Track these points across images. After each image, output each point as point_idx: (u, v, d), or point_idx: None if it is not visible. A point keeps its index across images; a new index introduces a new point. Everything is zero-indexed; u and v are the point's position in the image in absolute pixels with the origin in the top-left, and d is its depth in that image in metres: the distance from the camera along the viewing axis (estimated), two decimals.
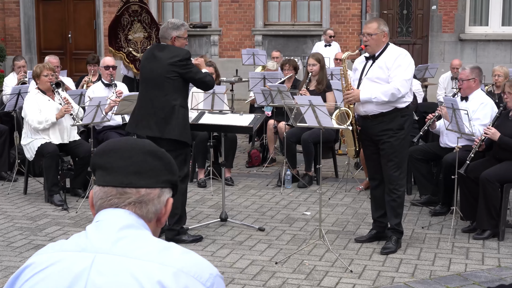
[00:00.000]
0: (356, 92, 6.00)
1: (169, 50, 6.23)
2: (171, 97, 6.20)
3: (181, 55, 6.20)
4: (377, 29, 6.00)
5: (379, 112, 6.04)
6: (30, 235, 6.63)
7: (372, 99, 5.93)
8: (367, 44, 6.05)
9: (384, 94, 5.90)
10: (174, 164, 1.99)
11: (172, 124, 6.18)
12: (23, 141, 7.91)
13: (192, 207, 7.51)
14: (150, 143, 1.99)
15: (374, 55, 6.07)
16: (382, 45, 6.05)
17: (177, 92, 6.24)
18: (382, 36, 6.03)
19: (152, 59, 6.28)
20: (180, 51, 6.23)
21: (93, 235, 1.84)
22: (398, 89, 5.90)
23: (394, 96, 5.92)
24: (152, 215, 1.92)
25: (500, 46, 14.94)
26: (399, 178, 6.17)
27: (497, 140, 6.49)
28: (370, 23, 6.14)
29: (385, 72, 5.99)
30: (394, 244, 6.17)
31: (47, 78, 7.82)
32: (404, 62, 6.00)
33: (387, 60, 6.00)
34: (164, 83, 6.18)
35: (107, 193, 1.90)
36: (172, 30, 6.26)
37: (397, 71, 5.95)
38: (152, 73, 6.24)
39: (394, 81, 5.93)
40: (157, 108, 6.21)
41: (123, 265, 1.77)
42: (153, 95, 6.25)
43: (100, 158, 1.94)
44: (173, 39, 6.25)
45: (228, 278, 5.52)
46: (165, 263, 1.78)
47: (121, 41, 11.97)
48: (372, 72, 6.05)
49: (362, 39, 6.15)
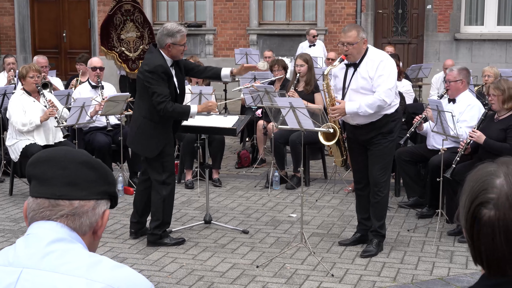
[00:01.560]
0: (341, 106, 5.89)
1: (148, 57, 6.11)
2: (138, 107, 6.20)
3: (150, 66, 5.95)
4: (357, 37, 5.85)
5: (369, 122, 5.97)
6: (12, 237, 6.58)
7: (358, 112, 5.85)
8: (347, 54, 5.88)
9: (370, 107, 5.81)
10: (110, 175, 1.93)
11: (138, 138, 6.19)
12: (8, 142, 7.85)
13: (178, 208, 7.45)
14: (85, 153, 1.92)
15: (355, 62, 5.96)
16: (362, 52, 5.92)
17: (143, 101, 6.08)
18: (362, 44, 5.89)
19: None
20: (152, 61, 5.98)
21: (21, 249, 1.79)
22: (383, 100, 5.80)
23: (380, 108, 5.85)
24: (87, 228, 1.86)
25: (496, 46, 14.86)
26: (384, 181, 6.12)
27: (482, 143, 6.43)
28: (349, 32, 5.90)
29: (368, 82, 5.88)
30: (375, 247, 6.10)
31: (33, 79, 7.76)
32: (385, 70, 5.85)
33: (369, 69, 5.87)
34: (142, 91, 6.12)
35: (40, 204, 1.84)
36: (166, 37, 5.99)
37: (380, 80, 5.83)
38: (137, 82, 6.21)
39: (378, 91, 5.82)
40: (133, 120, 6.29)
41: (50, 280, 1.72)
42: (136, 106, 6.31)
43: (34, 168, 1.88)
44: (167, 46, 6.00)
45: (208, 282, 5.47)
46: (94, 278, 1.72)
47: (113, 40, 11.91)
48: (355, 83, 5.94)
49: (341, 48, 5.98)
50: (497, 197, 1.57)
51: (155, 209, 6.27)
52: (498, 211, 1.56)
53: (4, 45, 17.17)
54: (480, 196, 1.60)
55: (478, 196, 1.60)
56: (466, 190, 1.66)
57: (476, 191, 1.61)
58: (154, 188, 6.25)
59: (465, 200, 1.65)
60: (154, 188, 6.25)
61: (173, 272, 5.70)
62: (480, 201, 1.59)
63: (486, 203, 1.58)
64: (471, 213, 1.61)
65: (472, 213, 1.61)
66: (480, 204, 1.59)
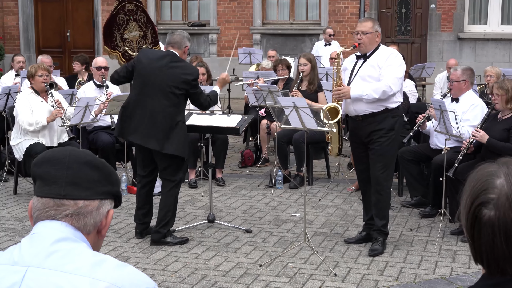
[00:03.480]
0: (346, 88, 5.95)
1: (185, 66, 6.32)
2: (174, 111, 6.21)
3: (195, 75, 6.31)
4: (371, 28, 5.98)
5: (370, 112, 5.99)
6: (16, 236, 6.60)
7: (363, 96, 5.88)
8: (360, 42, 6.00)
9: (375, 91, 5.85)
10: (114, 175, 1.94)
11: (173, 139, 6.19)
12: (13, 142, 7.88)
13: (181, 208, 7.47)
14: (89, 153, 1.94)
15: (366, 54, 6.03)
16: (374, 44, 6.02)
17: (180, 107, 6.30)
18: (376, 36, 6.01)
19: (164, 67, 6.22)
20: (194, 70, 6.40)
21: (26, 248, 1.81)
22: (390, 86, 5.85)
23: (385, 94, 5.87)
24: (91, 227, 1.88)
25: (499, 45, 14.85)
26: (386, 180, 6.14)
27: (485, 143, 6.43)
28: (365, 22, 6.11)
29: (376, 70, 5.96)
30: (381, 245, 6.13)
31: (42, 78, 7.80)
32: (395, 61, 5.99)
33: (379, 59, 5.97)
34: (169, 94, 6.18)
35: (45, 204, 1.86)
36: (187, 40, 6.42)
37: (389, 69, 5.92)
38: (159, 81, 6.20)
39: (385, 78, 5.89)
40: (159, 120, 6.19)
41: (55, 279, 1.73)
42: (155, 104, 6.20)
43: (38, 168, 1.90)
44: (186, 48, 6.42)
45: (211, 281, 5.49)
46: (98, 277, 1.74)
47: (116, 40, 11.94)
48: (363, 71, 6.01)
49: (355, 37, 6.08)
50: (497, 197, 1.58)
51: (167, 209, 6.33)
52: (498, 211, 1.57)
53: (8, 45, 17.21)
54: (480, 196, 1.61)
55: (478, 196, 1.62)
56: (467, 190, 1.67)
57: (477, 191, 1.63)
58: (165, 188, 6.35)
59: (465, 200, 1.66)
60: (165, 187, 6.35)
61: (176, 271, 5.73)
62: (481, 201, 1.61)
63: (487, 203, 1.59)
64: (472, 213, 1.63)
65: (473, 213, 1.62)
66: (480, 204, 1.61)
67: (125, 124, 6.38)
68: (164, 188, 6.39)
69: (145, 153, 6.40)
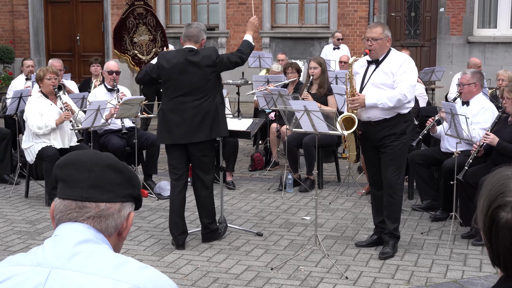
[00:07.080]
0: (362, 97, 5.95)
1: (202, 54, 6.32)
2: (212, 98, 6.31)
3: (214, 51, 6.37)
4: (381, 33, 5.97)
5: (382, 118, 6.01)
6: (28, 239, 6.65)
7: (378, 104, 5.90)
8: (371, 49, 6.00)
9: (390, 99, 5.87)
10: (136, 178, 1.97)
11: (220, 123, 6.34)
12: (24, 145, 7.93)
13: (192, 211, 7.49)
14: (111, 156, 1.97)
15: (377, 60, 6.04)
16: (385, 50, 6.03)
17: (215, 90, 6.36)
18: (386, 41, 6.00)
19: (189, 65, 6.26)
20: (211, 49, 6.44)
21: (49, 249, 1.83)
22: (405, 94, 5.87)
23: (400, 102, 5.89)
24: (113, 229, 1.91)
25: (509, 49, 14.84)
26: (398, 183, 6.14)
27: (496, 146, 6.44)
28: (374, 28, 6.08)
29: (390, 77, 5.96)
30: (392, 248, 6.14)
31: (50, 81, 7.85)
32: (409, 68, 5.99)
33: (392, 66, 5.96)
34: (205, 86, 6.28)
35: (67, 206, 1.88)
36: (203, 33, 6.45)
37: (403, 76, 5.92)
38: (192, 79, 6.27)
39: (400, 86, 5.90)
40: (204, 113, 6.26)
41: (78, 281, 1.76)
42: (196, 102, 6.27)
43: (61, 170, 1.92)
44: (203, 41, 6.46)
45: (223, 284, 5.51)
46: (120, 279, 1.76)
47: (126, 43, 12.00)
48: (376, 77, 6.02)
49: (366, 44, 6.08)
50: None
51: (211, 207, 6.52)
52: None
53: (18, 48, 17.30)
54: (498, 199, 1.63)
55: (496, 199, 1.63)
56: (484, 193, 1.69)
57: (494, 195, 1.64)
58: (203, 187, 6.44)
59: (483, 203, 1.68)
60: (203, 186, 6.44)
61: (188, 274, 5.75)
62: (498, 204, 1.62)
63: (504, 206, 1.61)
64: (489, 216, 1.64)
65: (490, 216, 1.64)
66: (498, 207, 1.62)
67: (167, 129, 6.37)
68: (200, 188, 6.47)
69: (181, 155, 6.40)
